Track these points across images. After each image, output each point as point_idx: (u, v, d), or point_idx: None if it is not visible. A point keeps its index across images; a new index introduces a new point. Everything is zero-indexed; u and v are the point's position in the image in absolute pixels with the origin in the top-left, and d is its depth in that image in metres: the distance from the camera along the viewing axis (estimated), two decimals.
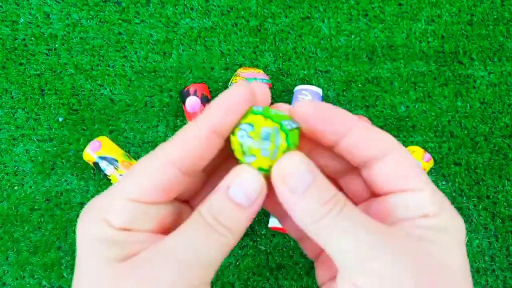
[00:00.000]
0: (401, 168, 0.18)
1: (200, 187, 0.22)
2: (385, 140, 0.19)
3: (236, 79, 0.63)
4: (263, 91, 0.19)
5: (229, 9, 0.73)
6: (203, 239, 0.17)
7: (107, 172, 0.59)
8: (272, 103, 0.20)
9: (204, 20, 0.72)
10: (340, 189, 0.21)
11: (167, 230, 0.19)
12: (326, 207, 0.17)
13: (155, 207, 0.18)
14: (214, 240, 0.17)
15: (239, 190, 0.18)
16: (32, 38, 0.71)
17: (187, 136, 0.18)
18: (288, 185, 0.18)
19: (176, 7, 0.72)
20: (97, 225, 0.18)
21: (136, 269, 0.17)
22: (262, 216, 0.62)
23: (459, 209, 0.62)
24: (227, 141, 0.19)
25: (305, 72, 0.69)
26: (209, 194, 0.18)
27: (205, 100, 0.64)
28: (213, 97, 0.67)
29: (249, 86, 0.18)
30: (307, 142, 0.20)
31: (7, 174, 0.64)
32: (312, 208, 0.17)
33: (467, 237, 0.21)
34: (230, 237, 0.18)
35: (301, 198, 0.17)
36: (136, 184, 0.18)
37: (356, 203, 0.21)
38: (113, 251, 0.17)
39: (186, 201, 0.22)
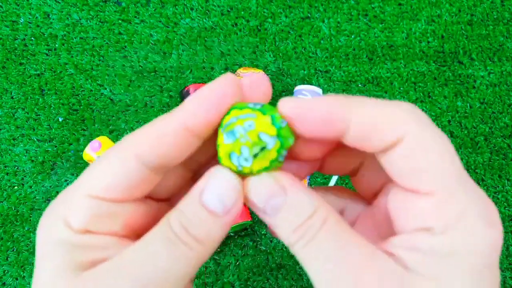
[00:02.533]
0: (413, 159, 0.14)
1: (183, 185, 0.19)
2: (395, 121, 0.15)
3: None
4: (256, 84, 0.17)
5: (229, 9, 0.73)
6: (167, 252, 0.15)
7: None
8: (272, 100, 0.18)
9: (204, 20, 0.72)
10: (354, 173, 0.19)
11: (139, 232, 0.17)
12: (297, 234, 0.15)
13: (120, 206, 0.16)
14: (181, 254, 0.15)
15: (213, 196, 0.15)
16: (32, 38, 0.71)
17: (156, 130, 0.16)
18: (258, 210, 0.16)
19: (176, 7, 0.72)
20: (56, 227, 0.15)
21: (93, 283, 0.14)
22: None
23: None
24: (215, 134, 0.17)
25: (305, 72, 0.69)
26: (181, 200, 0.16)
27: None
28: None
29: (234, 79, 0.16)
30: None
31: (7, 174, 0.64)
32: (285, 232, 0.15)
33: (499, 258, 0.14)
34: (200, 249, 0.15)
35: (274, 220, 0.16)
36: (97, 179, 0.16)
37: (370, 191, 0.18)
38: (72, 257, 0.15)
39: (167, 200, 0.19)
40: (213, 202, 0.15)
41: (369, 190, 0.19)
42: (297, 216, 0.15)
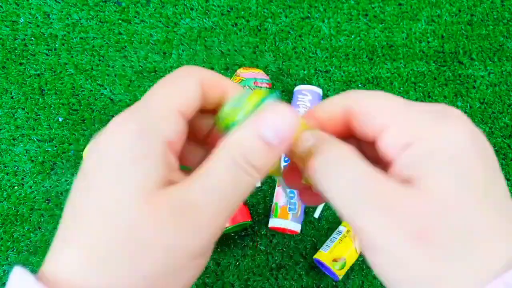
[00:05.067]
0: (370, 110, 0.18)
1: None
2: (349, 93, 0.20)
3: (236, 79, 0.63)
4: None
5: (229, 9, 0.73)
6: (232, 180, 0.17)
7: None
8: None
9: (204, 20, 0.72)
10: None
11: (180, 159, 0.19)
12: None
13: (186, 125, 0.19)
14: (243, 181, 0.17)
15: (271, 130, 0.17)
16: (32, 38, 0.71)
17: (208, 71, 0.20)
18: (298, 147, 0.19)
19: (176, 7, 0.72)
20: (146, 138, 0.17)
21: (173, 201, 0.16)
22: (262, 216, 0.62)
23: None
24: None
25: (305, 72, 0.69)
26: (235, 132, 0.18)
27: None
28: None
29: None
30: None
31: (7, 174, 0.64)
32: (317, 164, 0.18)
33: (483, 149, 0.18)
34: (257, 176, 0.18)
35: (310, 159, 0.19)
36: (182, 97, 0.18)
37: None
38: (154, 174, 0.16)
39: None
40: (270, 135, 0.17)
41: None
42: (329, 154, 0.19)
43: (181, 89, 0.18)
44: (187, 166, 0.21)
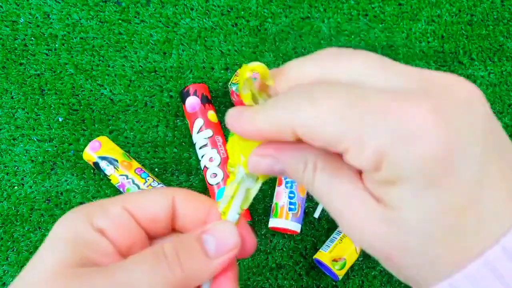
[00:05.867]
0: (313, 127, 0.16)
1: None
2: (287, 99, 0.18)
3: (236, 79, 0.63)
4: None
5: (229, 9, 0.73)
6: (150, 268, 0.16)
7: (107, 172, 0.59)
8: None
9: (204, 20, 0.72)
10: None
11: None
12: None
13: (138, 228, 0.19)
14: (162, 273, 0.16)
15: (212, 238, 0.18)
16: (32, 38, 0.71)
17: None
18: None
19: (176, 7, 0.72)
20: (78, 222, 0.18)
21: (81, 279, 0.16)
22: (262, 216, 0.62)
23: None
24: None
25: None
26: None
27: (205, 100, 0.64)
28: (213, 97, 0.67)
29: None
30: None
31: (7, 174, 0.64)
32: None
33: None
34: (180, 277, 0.17)
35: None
36: (135, 200, 0.19)
37: None
38: (77, 251, 0.17)
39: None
40: (209, 242, 0.18)
41: None
42: (296, 174, 0.18)
43: (140, 196, 0.19)
44: None
